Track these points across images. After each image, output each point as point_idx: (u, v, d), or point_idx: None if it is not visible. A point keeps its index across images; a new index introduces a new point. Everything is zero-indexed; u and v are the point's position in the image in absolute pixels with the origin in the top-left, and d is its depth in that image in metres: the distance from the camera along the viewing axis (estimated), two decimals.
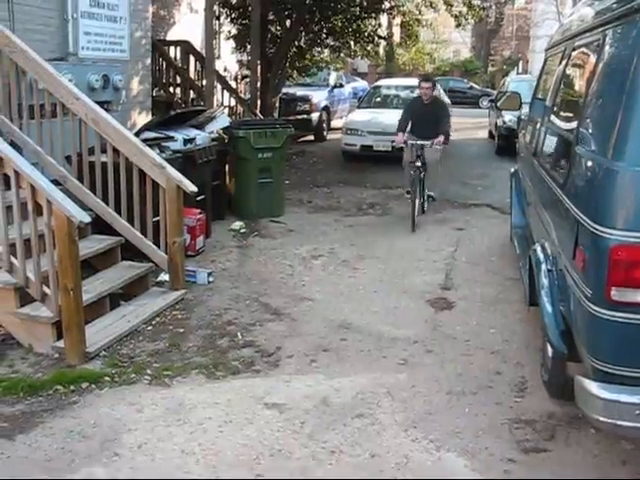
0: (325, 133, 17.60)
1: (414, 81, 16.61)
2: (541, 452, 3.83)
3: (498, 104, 8.24)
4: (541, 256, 4.52)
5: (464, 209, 10.02)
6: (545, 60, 6.67)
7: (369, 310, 5.97)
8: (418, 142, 8.87)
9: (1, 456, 3.74)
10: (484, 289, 6.48)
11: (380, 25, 16.00)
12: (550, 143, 4.97)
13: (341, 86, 19.76)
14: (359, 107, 15.43)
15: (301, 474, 3.56)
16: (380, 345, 5.25)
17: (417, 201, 8.82)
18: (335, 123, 18.32)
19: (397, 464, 3.66)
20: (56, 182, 5.60)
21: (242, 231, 8.55)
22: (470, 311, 5.95)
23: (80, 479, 3.11)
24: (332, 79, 19.20)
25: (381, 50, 25.23)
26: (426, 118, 9.05)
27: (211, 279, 6.65)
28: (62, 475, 3.53)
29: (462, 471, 3.63)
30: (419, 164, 8.85)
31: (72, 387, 4.49)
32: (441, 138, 8.81)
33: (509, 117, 13.32)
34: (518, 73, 33.52)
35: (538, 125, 5.73)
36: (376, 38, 15.70)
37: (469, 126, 20.03)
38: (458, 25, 15.98)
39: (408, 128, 9.31)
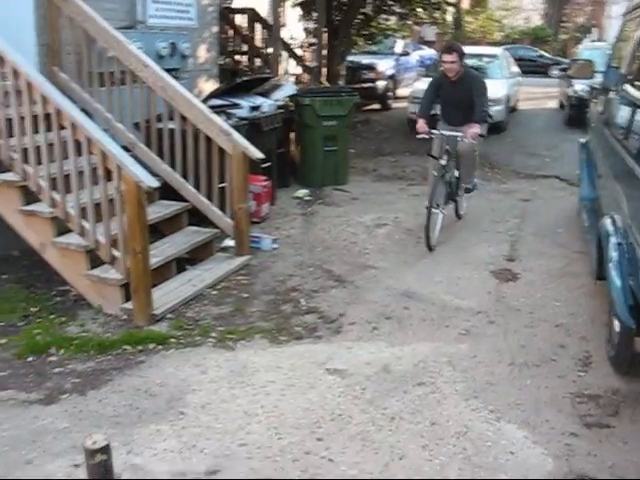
0: (391, 102, 17.41)
1: (483, 49, 16.34)
2: (604, 428, 3.77)
3: (569, 72, 8.00)
4: (611, 229, 4.41)
5: (531, 180, 9.82)
6: (622, 26, 6.44)
7: (432, 280, 5.95)
8: (445, 133, 6.89)
9: (74, 410, 3.91)
10: (549, 261, 6.37)
11: None
12: (624, 113, 4.81)
13: (407, 54, 19.47)
14: (426, 75, 15.18)
15: (361, 439, 3.61)
16: (443, 315, 5.23)
17: (437, 211, 6.82)
18: (401, 92, 18.10)
19: (457, 433, 3.67)
20: (125, 148, 5.71)
21: (307, 199, 8.58)
22: (535, 283, 5.87)
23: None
24: (398, 47, 18.93)
25: (449, 18, 24.72)
26: (455, 100, 7.01)
27: (275, 245, 6.72)
28: (130, 430, 3.67)
29: (522, 442, 3.61)
30: (444, 162, 6.77)
31: (139, 347, 4.65)
32: (476, 129, 6.69)
33: (580, 86, 12.91)
34: (592, 40, 32.41)
35: (612, 94, 5.55)
36: (444, 5, 15.38)
37: (538, 96, 19.52)
38: None
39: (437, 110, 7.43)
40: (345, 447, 3.54)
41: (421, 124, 6.87)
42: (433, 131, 6.92)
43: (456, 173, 7.22)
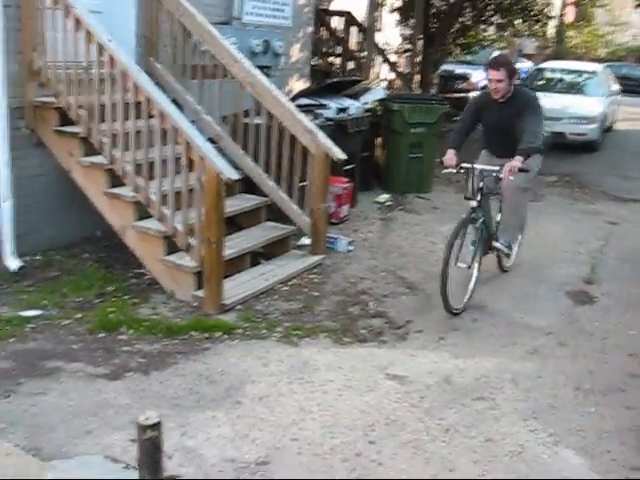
0: None
1: (582, 65, 15.90)
2: None
3: None
4: None
5: (621, 203, 9.51)
6: None
7: (505, 295, 5.85)
8: (477, 167, 5.53)
9: (136, 388, 4.05)
10: (630, 287, 6.15)
11: (550, 4, 15.27)
12: None
13: None
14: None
15: (413, 447, 3.59)
16: (511, 331, 5.14)
17: (464, 265, 5.40)
18: None
19: (511, 452, 3.60)
20: (211, 140, 5.86)
21: (387, 204, 8.57)
22: (611, 308, 5.68)
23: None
24: None
25: (550, 31, 24.14)
26: (501, 126, 5.67)
27: (351, 248, 6.75)
28: (187, 413, 3.77)
29: (578, 470, 3.51)
30: (475, 203, 5.47)
31: (206, 335, 4.76)
32: (516, 162, 5.24)
33: None
34: None
35: None
36: (544, 17, 15.04)
37: (638, 117, 18.87)
38: (639, 5, 15.00)
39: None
40: (396, 453, 3.53)
41: (450, 156, 5.59)
42: (463, 165, 5.57)
43: (498, 216, 6.02)
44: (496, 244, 5.97)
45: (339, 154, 6.22)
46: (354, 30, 13.20)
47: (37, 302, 5.14)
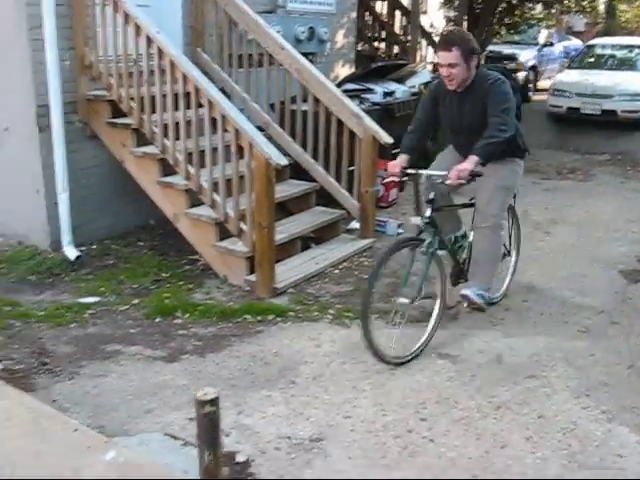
0: (531, 93, 16.90)
1: (633, 40, 15.50)
2: None
3: None
4: None
5: None
6: None
7: (556, 275, 5.80)
8: (423, 172, 4.41)
9: (193, 369, 4.18)
10: None
11: None
12: None
13: (551, 45, 18.77)
14: (569, 67, 14.66)
15: (464, 424, 3.63)
16: (563, 311, 5.11)
17: (405, 301, 4.40)
18: (542, 84, 17.53)
19: (563, 429, 3.60)
20: (259, 128, 5.94)
21: None
22: None
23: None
24: (542, 37, 18.30)
25: (601, 6, 23.57)
26: (465, 122, 4.50)
27: (400, 230, 6.77)
28: (243, 393, 3.87)
29: (633, 447, 3.49)
30: (419, 220, 4.35)
31: (259, 318, 4.87)
32: (468, 165, 4.12)
33: None
34: None
35: None
36: None
37: None
38: None
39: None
40: (448, 430, 3.57)
41: (395, 163, 4.47)
42: (408, 171, 4.43)
43: (471, 236, 4.88)
44: (466, 292, 4.69)
45: (386, 138, 6.26)
46: (398, 14, 13.11)
47: (95, 289, 5.33)
